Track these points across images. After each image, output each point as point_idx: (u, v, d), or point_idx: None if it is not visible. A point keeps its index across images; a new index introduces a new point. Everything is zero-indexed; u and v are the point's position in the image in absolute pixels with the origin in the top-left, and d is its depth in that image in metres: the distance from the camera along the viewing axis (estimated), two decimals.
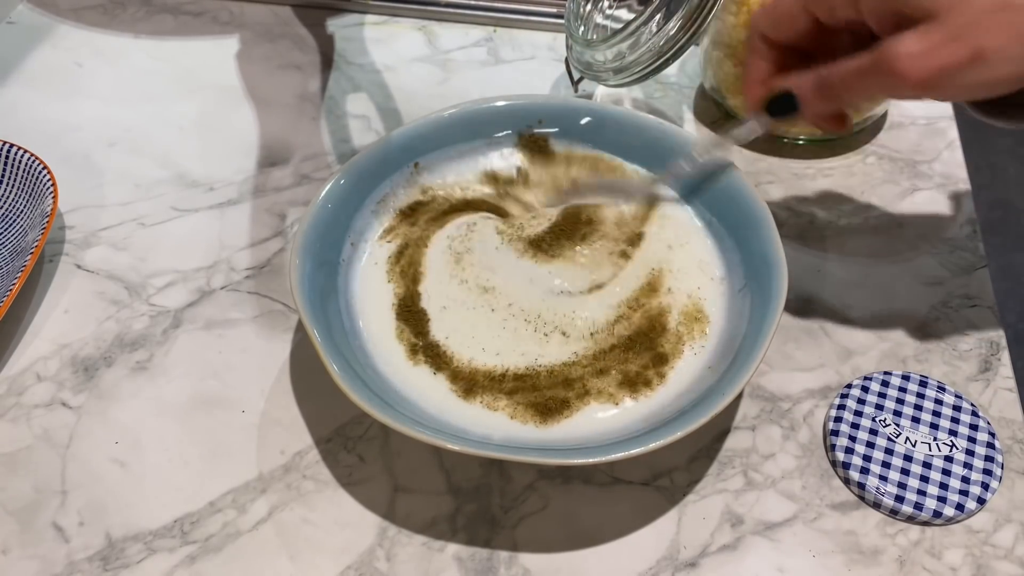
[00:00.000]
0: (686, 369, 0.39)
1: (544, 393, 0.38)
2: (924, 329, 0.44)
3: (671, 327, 0.40)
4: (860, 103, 0.40)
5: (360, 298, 0.42)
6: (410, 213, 0.45)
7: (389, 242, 0.44)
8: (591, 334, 0.40)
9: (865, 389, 0.41)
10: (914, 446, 0.38)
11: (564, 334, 0.40)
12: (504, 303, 0.41)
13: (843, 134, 0.54)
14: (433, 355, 0.39)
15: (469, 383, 0.38)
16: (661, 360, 0.39)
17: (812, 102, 0.36)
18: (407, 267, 0.43)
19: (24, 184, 0.48)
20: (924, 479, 0.37)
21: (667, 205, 0.45)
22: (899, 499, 0.37)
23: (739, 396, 0.40)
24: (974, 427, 0.39)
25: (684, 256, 0.43)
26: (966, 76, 0.30)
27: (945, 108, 0.57)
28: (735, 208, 0.42)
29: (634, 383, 0.38)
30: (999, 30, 0.30)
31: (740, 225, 0.42)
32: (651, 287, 0.42)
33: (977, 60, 0.30)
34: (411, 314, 0.41)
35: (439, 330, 0.40)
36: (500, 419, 0.37)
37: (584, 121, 0.47)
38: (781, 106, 0.37)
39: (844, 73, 0.34)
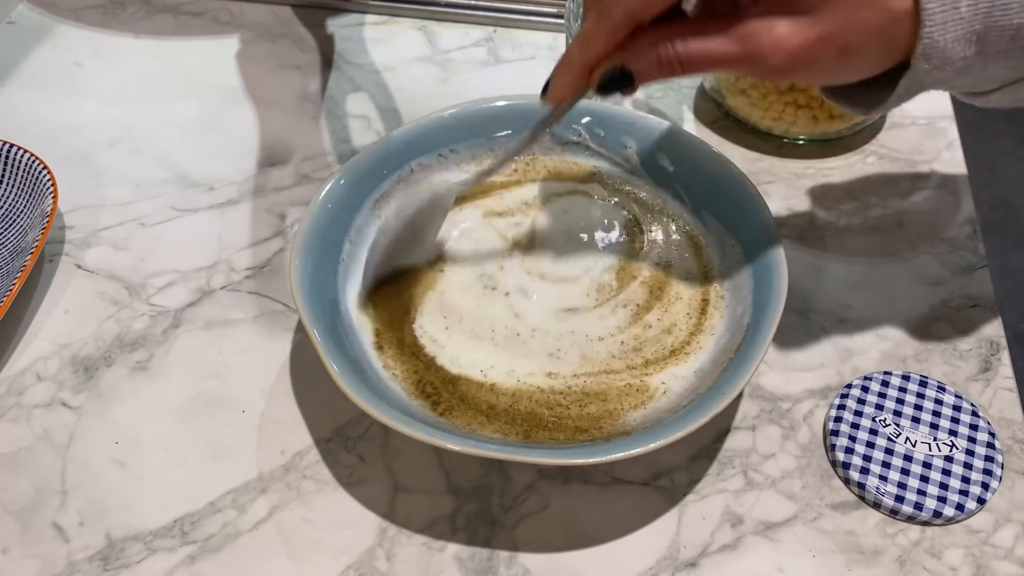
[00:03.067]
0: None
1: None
2: (924, 329, 0.44)
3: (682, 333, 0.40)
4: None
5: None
6: None
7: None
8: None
9: (865, 389, 0.40)
10: (914, 446, 0.38)
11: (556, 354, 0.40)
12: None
13: None
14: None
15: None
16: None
17: (652, 77, 0.32)
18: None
19: (24, 184, 0.48)
20: (924, 479, 0.37)
21: (668, 208, 0.45)
22: (899, 499, 0.37)
23: (739, 396, 0.40)
24: (974, 427, 0.39)
25: (686, 260, 0.43)
26: (829, 68, 0.31)
27: (945, 108, 0.56)
28: (735, 208, 0.42)
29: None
30: (862, 25, 0.30)
31: (740, 225, 0.42)
32: (655, 295, 0.42)
33: (843, 55, 0.30)
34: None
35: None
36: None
37: (584, 121, 0.47)
38: (614, 83, 0.33)
39: (699, 53, 0.31)
